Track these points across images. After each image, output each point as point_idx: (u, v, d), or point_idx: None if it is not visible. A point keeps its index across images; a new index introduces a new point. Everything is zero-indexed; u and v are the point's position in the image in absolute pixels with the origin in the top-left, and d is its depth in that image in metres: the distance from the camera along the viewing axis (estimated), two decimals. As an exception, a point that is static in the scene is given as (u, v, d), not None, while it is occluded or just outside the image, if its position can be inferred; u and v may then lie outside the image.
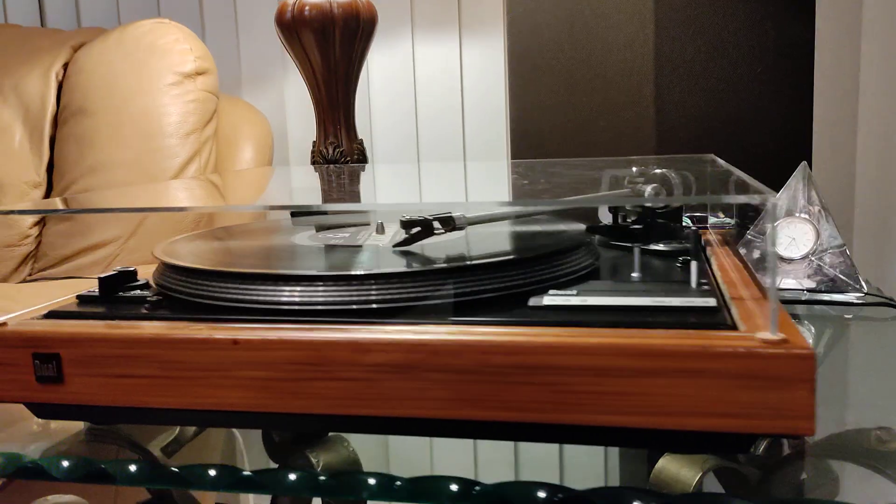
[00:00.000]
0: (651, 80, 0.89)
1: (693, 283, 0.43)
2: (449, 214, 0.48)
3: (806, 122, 0.90)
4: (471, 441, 0.45)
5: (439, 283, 0.41)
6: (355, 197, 0.58)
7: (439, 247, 0.49)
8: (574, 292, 0.42)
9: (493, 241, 0.51)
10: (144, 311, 0.43)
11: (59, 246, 1.05)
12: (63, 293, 0.84)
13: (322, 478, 0.42)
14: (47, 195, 1.10)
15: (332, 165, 0.87)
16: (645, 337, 0.35)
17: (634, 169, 0.58)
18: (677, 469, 0.60)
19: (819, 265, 0.76)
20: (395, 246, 0.49)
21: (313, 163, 0.89)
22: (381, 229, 0.56)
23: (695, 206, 0.67)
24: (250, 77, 1.43)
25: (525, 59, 0.96)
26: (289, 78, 1.42)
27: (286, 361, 0.38)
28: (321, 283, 0.41)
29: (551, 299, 0.41)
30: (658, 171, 0.57)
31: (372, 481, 0.41)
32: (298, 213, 0.59)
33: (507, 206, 0.53)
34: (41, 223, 1.10)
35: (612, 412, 0.35)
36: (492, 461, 0.43)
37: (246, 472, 0.43)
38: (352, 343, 0.38)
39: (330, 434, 0.70)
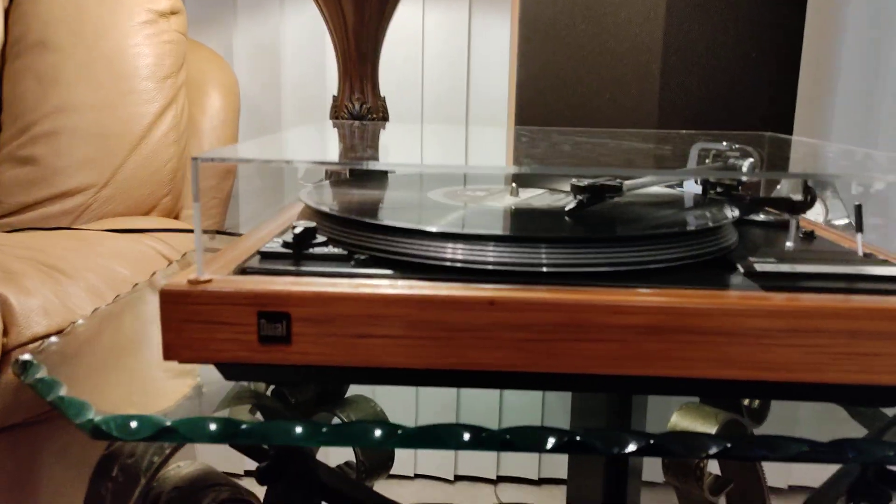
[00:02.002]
0: (658, 58, 0.93)
1: (860, 253, 0.47)
2: (619, 182, 0.50)
3: (789, 105, 0.98)
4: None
5: (678, 246, 0.43)
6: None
7: (614, 213, 0.50)
8: (773, 260, 0.45)
9: (656, 209, 0.53)
10: (374, 271, 0.42)
11: (18, 193, 0.96)
12: (51, 243, 0.77)
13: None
14: (-4, 136, 1.00)
15: (358, 122, 0.85)
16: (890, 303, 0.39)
17: (724, 143, 0.62)
18: (692, 424, 0.65)
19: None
20: (568, 211, 0.50)
21: (335, 118, 0.87)
22: (514, 192, 0.57)
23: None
24: (194, 20, 1.34)
25: (536, 27, 0.97)
26: (238, 22, 1.35)
27: (544, 323, 0.39)
28: (576, 246, 0.42)
29: (763, 266, 0.44)
30: (738, 146, 0.61)
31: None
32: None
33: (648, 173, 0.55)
34: (-12, 166, 0.99)
35: (864, 371, 0.39)
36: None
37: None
38: (610, 306, 0.39)
39: (349, 394, 0.70)
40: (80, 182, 0.95)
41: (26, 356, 0.49)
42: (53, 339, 0.53)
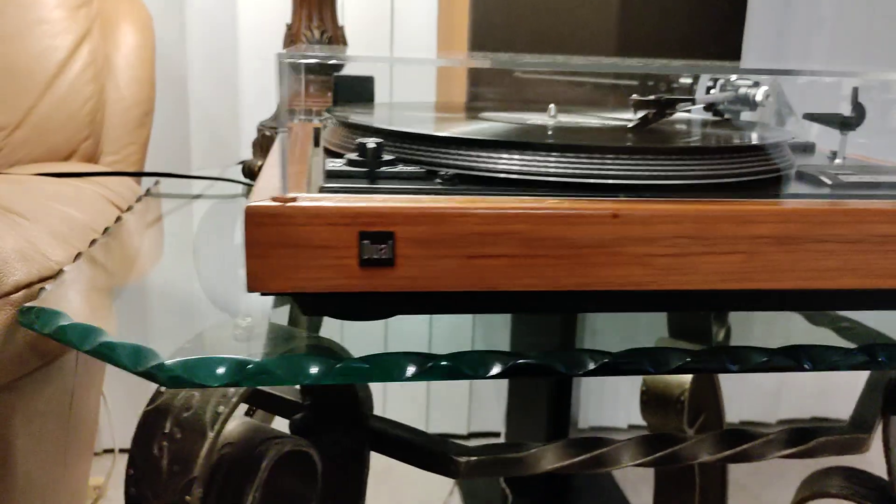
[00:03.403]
0: (616, -7, 0.92)
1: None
2: (688, 98, 0.48)
3: (738, 32, 0.99)
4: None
5: (773, 159, 0.42)
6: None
7: (673, 130, 0.48)
8: (851, 171, 0.44)
9: (709, 128, 0.51)
10: (465, 188, 0.38)
11: (-90, 136, 0.82)
12: None
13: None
14: None
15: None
16: None
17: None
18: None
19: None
20: (631, 128, 0.47)
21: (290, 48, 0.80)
22: (553, 114, 0.53)
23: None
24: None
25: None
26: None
27: (669, 236, 0.36)
28: (700, 157, 0.40)
29: (848, 177, 0.43)
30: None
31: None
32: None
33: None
34: None
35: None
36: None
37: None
38: (737, 215, 0.37)
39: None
40: (-14, 123, 0.83)
41: (31, 303, 0.42)
42: (48, 286, 0.46)
